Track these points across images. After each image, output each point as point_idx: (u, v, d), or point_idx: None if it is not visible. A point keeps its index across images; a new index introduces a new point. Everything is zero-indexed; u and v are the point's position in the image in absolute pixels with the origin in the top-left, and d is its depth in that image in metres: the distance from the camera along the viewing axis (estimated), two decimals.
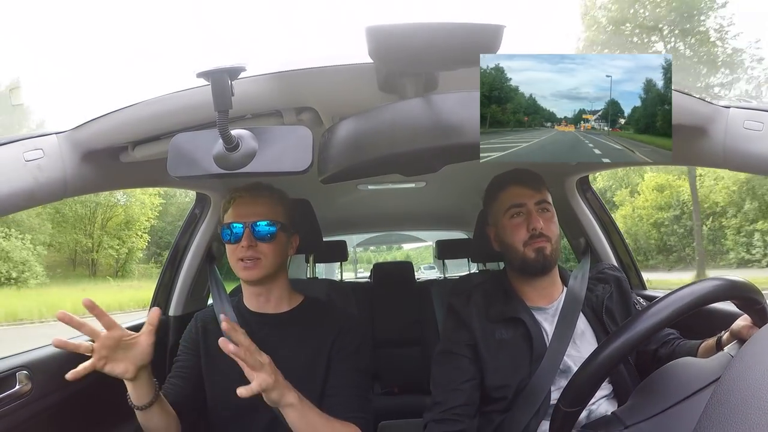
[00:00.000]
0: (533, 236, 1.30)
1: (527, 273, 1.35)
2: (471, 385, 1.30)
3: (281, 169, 0.78)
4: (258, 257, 1.32)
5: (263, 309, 1.42)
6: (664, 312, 0.86)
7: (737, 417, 0.51)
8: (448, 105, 0.72)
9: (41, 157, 0.91)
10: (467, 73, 0.75)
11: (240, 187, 1.40)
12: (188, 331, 1.46)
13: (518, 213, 1.33)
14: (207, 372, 1.38)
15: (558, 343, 1.27)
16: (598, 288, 1.39)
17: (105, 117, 0.98)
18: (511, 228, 1.33)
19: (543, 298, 1.37)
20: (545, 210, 1.34)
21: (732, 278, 0.89)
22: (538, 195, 1.34)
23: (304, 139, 0.78)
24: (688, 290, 0.87)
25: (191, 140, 0.80)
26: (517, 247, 1.32)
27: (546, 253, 1.30)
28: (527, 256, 1.31)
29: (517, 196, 1.34)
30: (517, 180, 1.36)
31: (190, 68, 0.72)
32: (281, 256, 1.38)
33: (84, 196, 20.30)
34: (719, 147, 0.97)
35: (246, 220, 1.32)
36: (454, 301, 1.41)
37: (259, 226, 1.32)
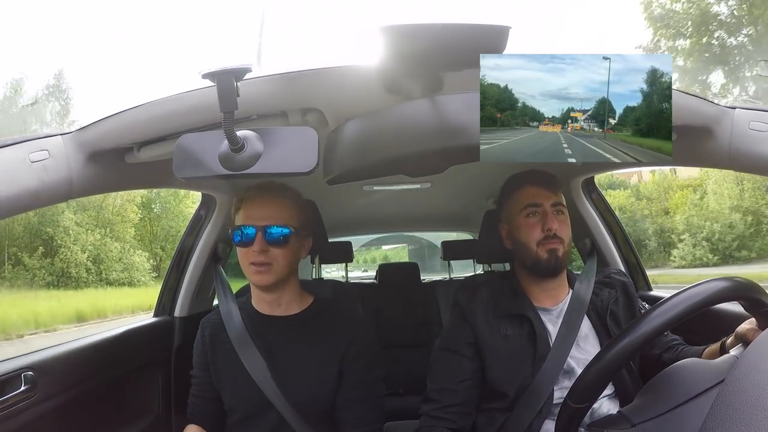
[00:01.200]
0: (547, 237, 1.31)
1: (538, 273, 1.35)
2: (467, 385, 1.31)
3: (287, 170, 0.78)
4: (270, 262, 1.28)
5: (273, 311, 1.39)
6: (671, 312, 0.86)
7: (742, 418, 0.51)
8: (453, 106, 0.72)
9: (47, 158, 0.91)
10: (473, 74, 0.74)
11: (252, 186, 1.35)
12: (197, 343, 1.44)
13: (534, 213, 1.34)
14: (216, 380, 1.38)
15: (562, 344, 1.28)
16: (604, 292, 1.39)
17: (110, 118, 0.98)
18: (526, 227, 1.34)
19: (549, 298, 1.37)
20: (560, 212, 1.35)
21: (738, 279, 0.89)
22: (555, 197, 1.35)
23: (309, 140, 0.78)
24: (694, 290, 0.87)
25: (197, 141, 0.80)
26: (531, 246, 1.33)
27: (558, 254, 1.31)
28: (540, 256, 1.32)
29: (534, 195, 1.35)
30: (535, 180, 1.37)
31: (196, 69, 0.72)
32: (294, 261, 1.35)
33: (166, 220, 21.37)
34: (724, 148, 0.97)
35: (258, 223, 1.28)
36: (460, 296, 1.41)
37: (272, 229, 1.28)
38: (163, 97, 0.95)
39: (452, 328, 1.40)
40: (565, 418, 0.96)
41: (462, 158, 0.97)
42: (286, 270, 1.32)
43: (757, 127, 0.92)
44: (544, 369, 1.26)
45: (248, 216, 1.30)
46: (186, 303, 1.97)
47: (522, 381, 1.27)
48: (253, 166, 0.77)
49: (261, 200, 1.31)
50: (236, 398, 1.34)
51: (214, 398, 1.39)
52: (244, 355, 1.31)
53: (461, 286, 1.47)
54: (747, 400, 0.52)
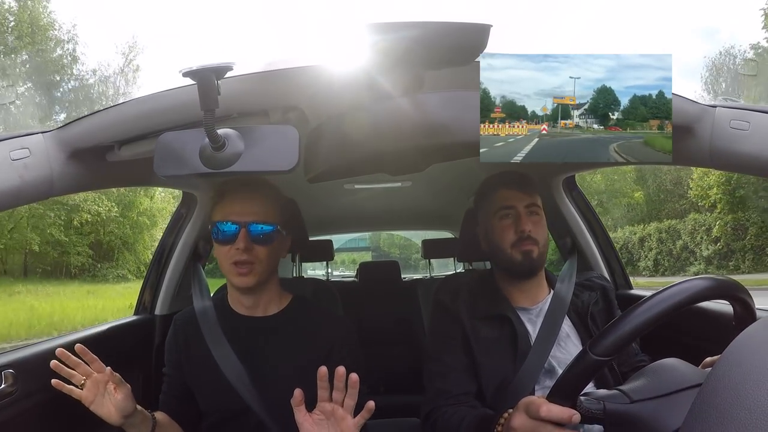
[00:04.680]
0: (521, 239, 1.31)
1: (513, 274, 1.36)
2: (470, 374, 1.31)
3: (268, 168, 0.78)
4: (252, 261, 1.22)
5: (252, 312, 1.33)
6: (653, 310, 0.85)
7: (723, 416, 0.51)
8: (434, 104, 0.73)
9: (27, 156, 0.91)
10: (455, 72, 0.76)
11: (232, 180, 1.28)
12: (169, 341, 1.38)
13: (507, 215, 1.34)
14: (192, 381, 1.33)
15: (542, 344, 1.29)
16: (584, 294, 1.40)
17: (91, 116, 0.98)
18: (499, 229, 1.35)
19: (528, 299, 1.38)
20: (534, 213, 1.35)
21: (719, 277, 0.89)
22: (528, 198, 1.35)
23: (290, 138, 0.78)
24: (673, 290, 0.86)
25: (178, 139, 0.80)
26: (505, 248, 1.33)
27: (533, 256, 1.32)
28: (514, 257, 1.32)
29: (507, 198, 1.35)
30: (509, 182, 1.37)
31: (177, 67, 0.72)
32: (276, 260, 1.30)
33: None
34: (705, 146, 0.97)
35: (241, 219, 1.22)
36: (443, 297, 1.41)
37: (256, 226, 1.22)
38: (144, 95, 0.95)
39: (440, 323, 1.39)
40: (579, 366, 0.93)
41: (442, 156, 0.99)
42: (269, 270, 1.28)
43: (737, 125, 0.93)
44: (525, 368, 1.26)
45: (230, 212, 1.23)
46: (167, 301, 1.96)
47: (503, 380, 1.27)
48: (234, 165, 0.77)
49: (243, 195, 1.25)
50: (212, 402, 1.30)
51: (186, 397, 1.34)
52: (220, 357, 1.27)
53: (442, 284, 1.47)
54: (728, 398, 0.52)
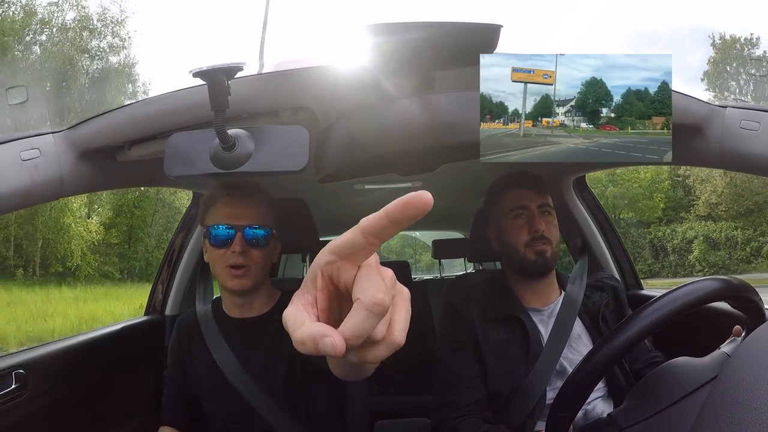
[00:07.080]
0: (535, 238, 1.31)
1: (526, 274, 1.35)
2: (481, 381, 1.29)
3: (278, 169, 0.78)
4: (248, 265, 1.23)
5: (245, 314, 1.33)
6: (658, 313, 0.85)
7: (734, 416, 0.50)
8: (444, 105, 0.73)
9: (38, 156, 0.91)
10: (464, 72, 0.75)
11: (227, 184, 1.28)
12: (172, 343, 1.38)
13: (520, 215, 1.33)
14: (196, 385, 1.33)
15: (554, 345, 1.28)
16: (596, 295, 1.39)
17: (102, 116, 0.98)
18: (513, 229, 1.34)
19: (539, 300, 1.37)
20: (547, 213, 1.35)
21: (726, 278, 0.89)
22: (541, 198, 1.34)
23: (300, 138, 0.78)
24: (683, 291, 0.86)
25: (188, 140, 0.80)
26: (519, 248, 1.33)
27: (546, 255, 1.31)
28: (528, 257, 1.32)
29: (520, 198, 1.34)
30: (521, 182, 1.37)
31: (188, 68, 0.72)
32: (269, 264, 1.31)
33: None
34: (716, 147, 0.96)
35: (237, 223, 1.22)
36: (454, 300, 1.40)
37: (252, 230, 1.23)
38: (154, 96, 0.96)
39: (451, 328, 1.37)
40: (552, 427, 0.96)
41: (453, 157, 0.98)
42: (263, 274, 1.28)
43: (748, 126, 0.92)
44: (536, 369, 1.25)
45: (225, 215, 1.24)
46: (177, 302, 1.96)
47: (514, 381, 1.26)
48: (245, 165, 0.77)
49: (237, 199, 1.26)
50: (217, 406, 1.30)
51: (190, 400, 1.33)
52: (222, 362, 1.27)
53: (453, 286, 1.46)
54: (739, 399, 0.51)
